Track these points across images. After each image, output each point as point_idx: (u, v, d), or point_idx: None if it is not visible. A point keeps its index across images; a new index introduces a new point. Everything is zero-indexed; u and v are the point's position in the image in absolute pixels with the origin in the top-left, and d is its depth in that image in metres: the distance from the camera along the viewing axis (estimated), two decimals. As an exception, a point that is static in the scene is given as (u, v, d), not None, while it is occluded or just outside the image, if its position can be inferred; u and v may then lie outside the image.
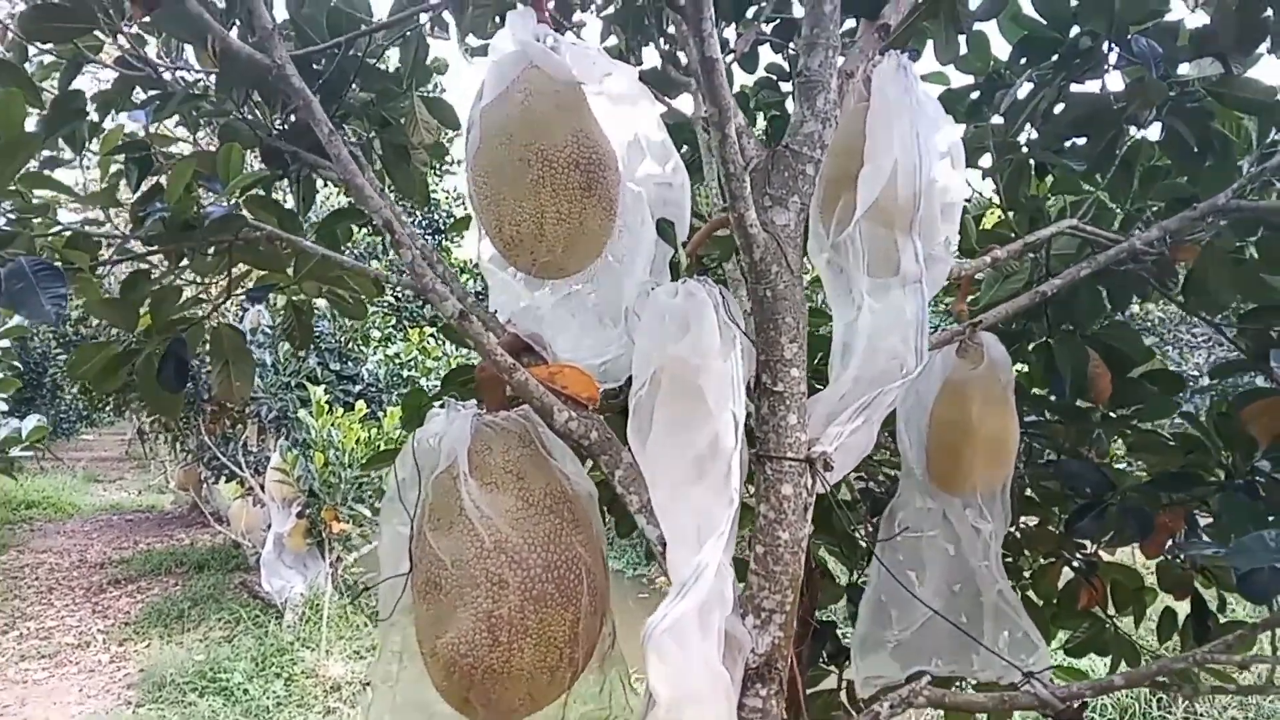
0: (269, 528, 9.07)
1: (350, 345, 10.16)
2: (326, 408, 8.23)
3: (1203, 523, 2.00)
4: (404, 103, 2.36)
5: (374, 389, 9.83)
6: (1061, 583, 2.18)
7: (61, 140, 2.07)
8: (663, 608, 1.16)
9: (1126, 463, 2.57)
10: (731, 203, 1.38)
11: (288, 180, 2.33)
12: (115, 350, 1.99)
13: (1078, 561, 2.15)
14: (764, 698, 1.33)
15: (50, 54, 2.12)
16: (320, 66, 2.15)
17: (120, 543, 12.67)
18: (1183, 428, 2.05)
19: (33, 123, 1.86)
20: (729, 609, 1.25)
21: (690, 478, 1.27)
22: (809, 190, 1.54)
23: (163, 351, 1.96)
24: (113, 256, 1.93)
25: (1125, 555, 2.32)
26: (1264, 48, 1.91)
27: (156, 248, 1.87)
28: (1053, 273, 2.03)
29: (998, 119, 2.23)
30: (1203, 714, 6.57)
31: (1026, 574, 2.20)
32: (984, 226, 2.49)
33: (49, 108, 1.95)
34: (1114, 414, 2.09)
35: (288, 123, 2.19)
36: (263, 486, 9.29)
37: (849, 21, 2.26)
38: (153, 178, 2.07)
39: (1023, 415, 1.89)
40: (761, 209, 1.51)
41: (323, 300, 2.27)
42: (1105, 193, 2.24)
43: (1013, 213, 2.23)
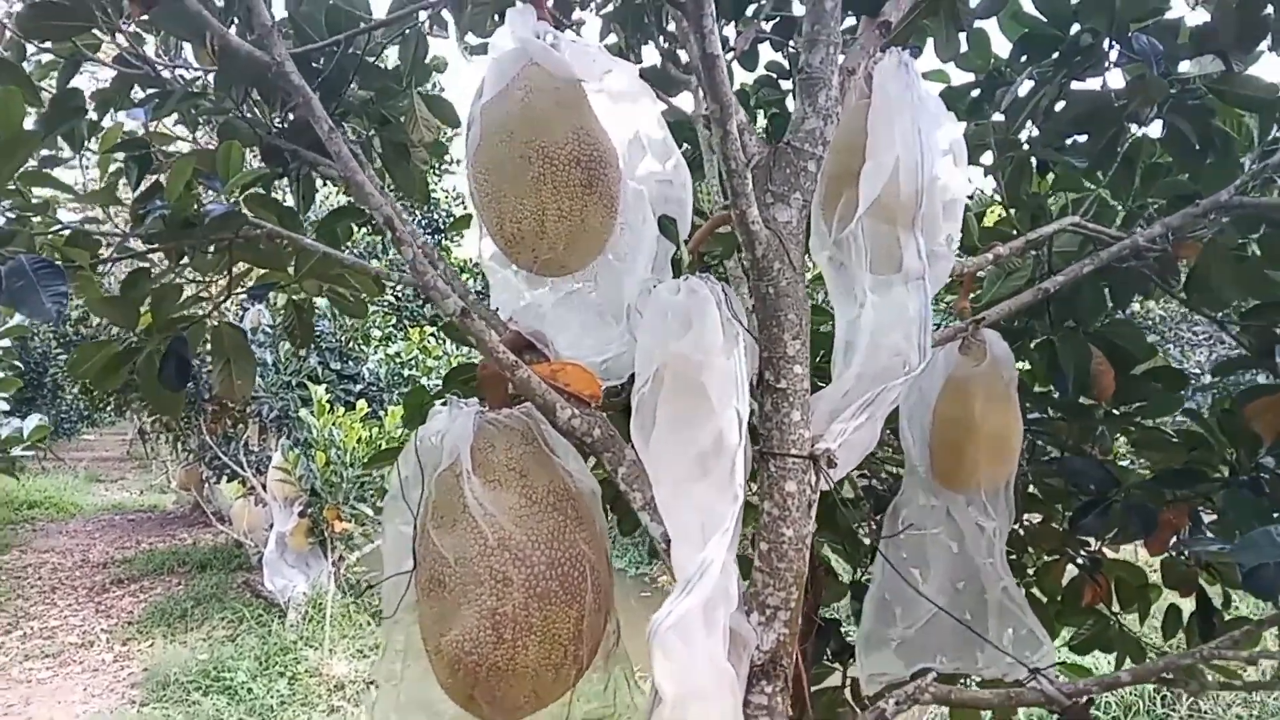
0: (271, 527, 9.09)
1: (351, 344, 10.16)
2: (328, 407, 8.24)
3: (1207, 520, 2.00)
4: (403, 101, 2.35)
5: (375, 388, 9.84)
6: (1065, 580, 2.17)
7: (61, 139, 2.07)
8: (668, 604, 1.16)
9: (1130, 460, 2.57)
10: (733, 199, 1.37)
11: (287, 178, 2.33)
12: (116, 349, 1.99)
13: (1082, 559, 2.15)
14: (769, 694, 1.33)
15: (49, 52, 2.12)
16: (319, 65, 2.15)
17: (123, 542, 12.68)
18: (1186, 425, 2.04)
19: (32, 122, 1.86)
20: (734, 606, 1.24)
21: (694, 475, 1.26)
22: (811, 187, 1.54)
23: (164, 350, 1.96)
24: (113, 255, 1.92)
25: (1128, 553, 2.31)
26: (1265, 45, 1.91)
27: (157, 246, 1.86)
28: (1055, 270, 2.02)
29: (998, 117, 2.22)
30: (1207, 711, 6.57)
31: (1030, 571, 2.20)
32: (985, 224, 2.49)
33: (48, 106, 1.95)
34: (1117, 411, 2.09)
35: (287, 121, 2.18)
36: (264, 486, 9.31)
37: (850, 19, 2.26)
38: (152, 176, 2.07)
39: (1025, 412, 1.89)
40: (763, 206, 1.51)
41: (323, 299, 2.27)
42: (1107, 190, 2.23)
43: (1014, 210, 2.23)
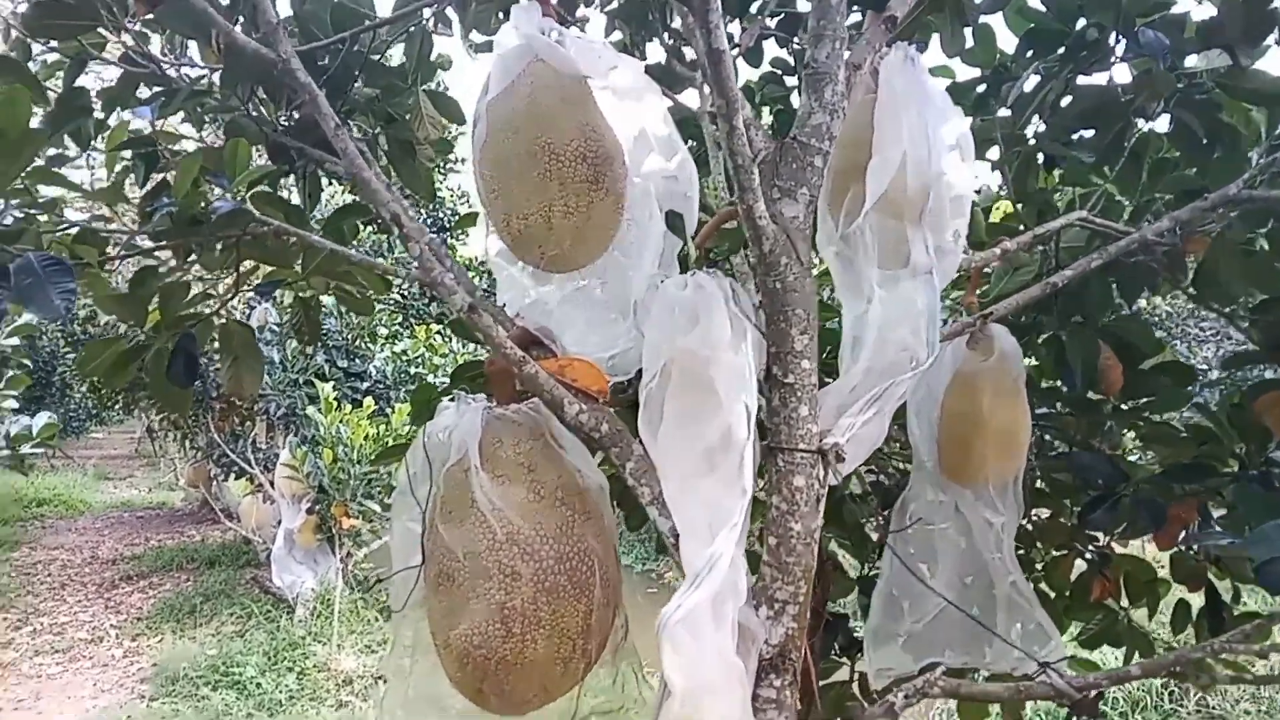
0: (279, 524, 9.11)
1: (358, 342, 10.18)
2: (335, 404, 8.26)
3: (1216, 515, 1.99)
4: (409, 98, 2.35)
5: (382, 386, 9.86)
6: (1074, 575, 2.16)
7: (67, 138, 2.08)
8: (676, 598, 1.16)
9: (1138, 455, 2.56)
10: (740, 195, 1.37)
11: (293, 176, 2.33)
12: (124, 346, 2.00)
13: (1090, 554, 2.14)
14: (778, 688, 1.33)
15: (55, 52, 2.12)
16: (325, 63, 2.15)
17: (131, 539, 12.73)
18: (1194, 420, 2.03)
19: (38, 121, 1.86)
20: (742, 600, 1.24)
21: (702, 470, 1.26)
22: (817, 182, 1.54)
23: (172, 347, 1.97)
24: (120, 252, 1.93)
25: (1135, 549, 2.31)
26: (1272, 39, 1.89)
27: (164, 243, 1.87)
28: (1062, 265, 2.02)
29: (1004, 112, 2.22)
30: (1215, 707, 6.55)
31: (1038, 566, 2.19)
32: (992, 220, 2.48)
33: (54, 105, 1.95)
34: (1125, 406, 2.08)
35: (293, 119, 2.19)
36: (272, 483, 9.34)
37: (855, 14, 2.26)
38: (159, 174, 2.08)
39: (1033, 408, 1.88)
40: (770, 201, 1.50)
41: (330, 297, 2.28)
42: (1114, 186, 2.23)
43: (1021, 205, 2.22)
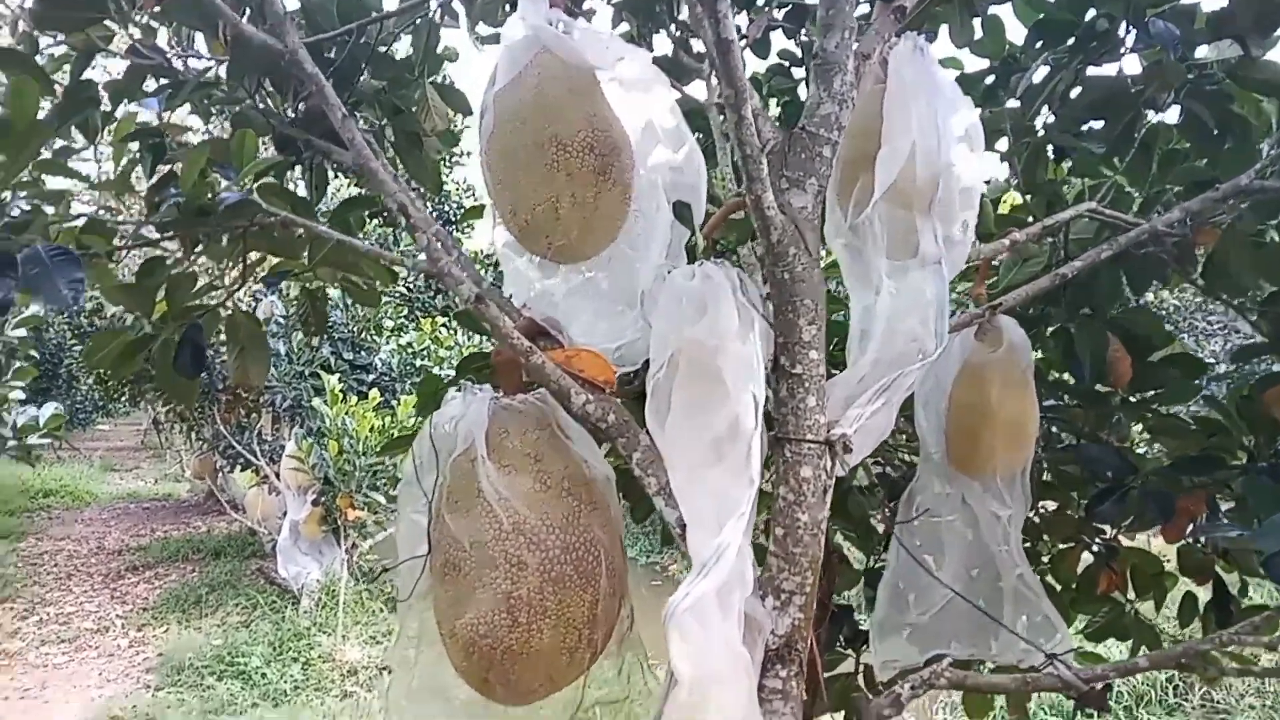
0: (284, 515, 9.15)
1: (363, 335, 10.20)
2: (340, 396, 8.28)
3: (1224, 507, 1.98)
4: (415, 90, 2.35)
5: (387, 378, 9.88)
6: (1080, 568, 2.16)
7: (75, 129, 2.08)
8: (684, 587, 1.15)
9: (1146, 448, 2.55)
10: (748, 185, 1.36)
11: (300, 168, 2.33)
12: (131, 337, 2.00)
13: (1097, 546, 2.13)
14: (784, 679, 1.33)
15: (62, 44, 2.12)
16: (331, 55, 2.15)
17: (137, 530, 12.78)
18: (1204, 412, 2.03)
19: (45, 113, 1.86)
20: (749, 590, 1.24)
21: (709, 459, 1.26)
22: (826, 172, 1.53)
23: (179, 338, 1.97)
24: (128, 243, 1.93)
25: (1141, 542, 2.30)
26: (1283, 29, 1.89)
27: (171, 234, 1.87)
28: (1071, 257, 2.01)
29: (1013, 103, 2.21)
30: (1219, 701, 6.54)
31: (1045, 559, 2.19)
32: (1000, 211, 2.47)
33: (61, 97, 1.95)
34: (1134, 398, 2.07)
35: (300, 111, 2.19)
36: (278, 475, 9.36)
37: (864, 4, 2.24)
38: (166, 166, 2.07)
39: (1041, 400, 1.87)
40: (778, 191, 1.50)
41: (335, 290, 2.28)
42: (1123, 177, 2.22)
43: (1030, 197, 2.21)
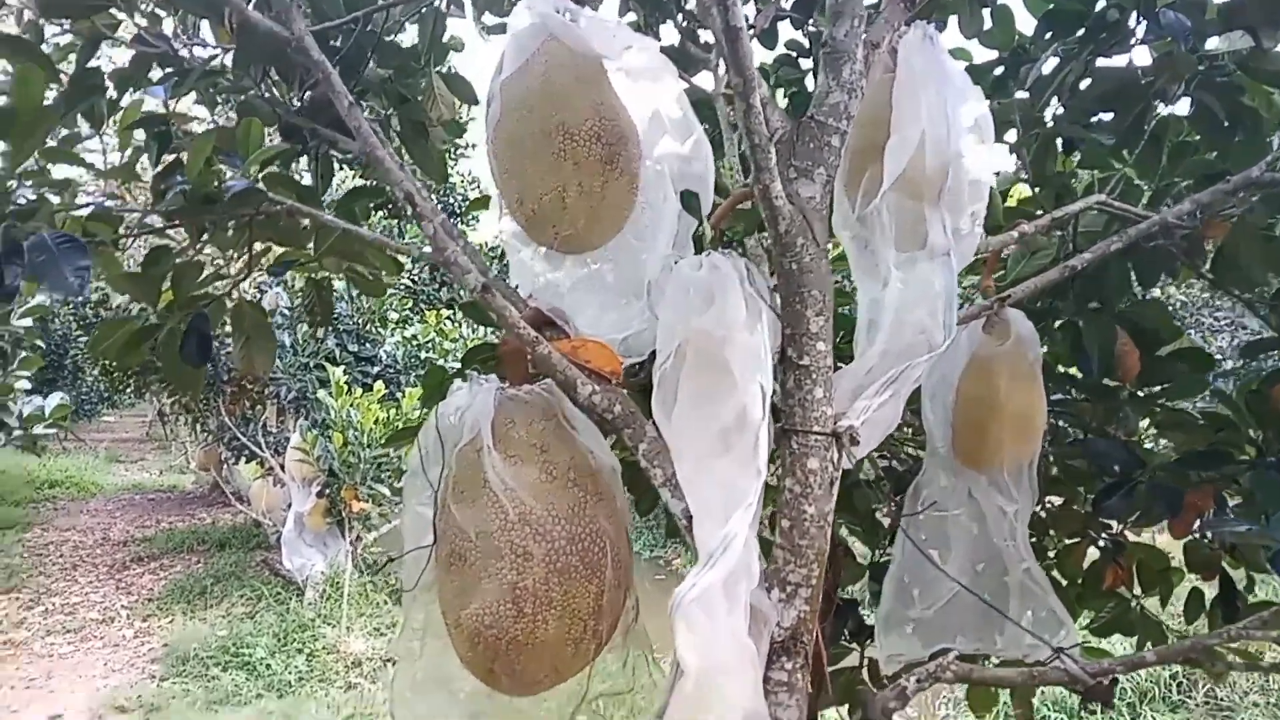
0: (289, 507, 9.17)
1: (368, 327, 10.20)
2: (345, 388, 8.29)
3: (1231, 503, 1.97)
4: (421, 80, 2.34)
5: (392, 370, 9.88)
6: (1086, 563, 2.15)
7: (80, 117, 2.07)
8: (690, 578, 1.15)
9: (1153, 443, 2.54)
10: (756, 174, 1.35)
11: (306, 158, 2.33)
12: (137, 326, 2.00)
13: (1103, 541, 2.13)
14: (789, 671, 1.32)
15: (68, 32, 2.12)
16: (337, 44, 2.14)
17: (143, 521, 12.82)
18: (1213, 406, 2.01)
19: (51, 100, 1.86)
20: (755, 582, 1.24)
21: (716, 450, 1.25)
22: (835, 162, 1.52)
23: (185, 327, 1.97)
24: (134, 230, 1.93)
25: (1146, 538, 2.29)
26: (1295, 20, 1.87)
27: (177, 222, 1.86)
28: (1080, 249, 2.00)
29: (1022, 94, 2.19)
30: (1223, 699, 6.53)
31: (1051, 554, 2.18)
32: (1008, 204, 2.45)
33: (67, 84, 1.95)
34: (1142, 393, 2.06)
35: (305, 99, 2.18)
36: (283, 466, 9.38)
37: (873, -5, 2.23)
38: (172, 154, 2.07)
39: (1048, 394, 1.86)
40: (787, 181, 1.49)
41: (340, 281, 2.27)
42: (1133, 169, 2.20)
43: (1039, 189, 2.20)
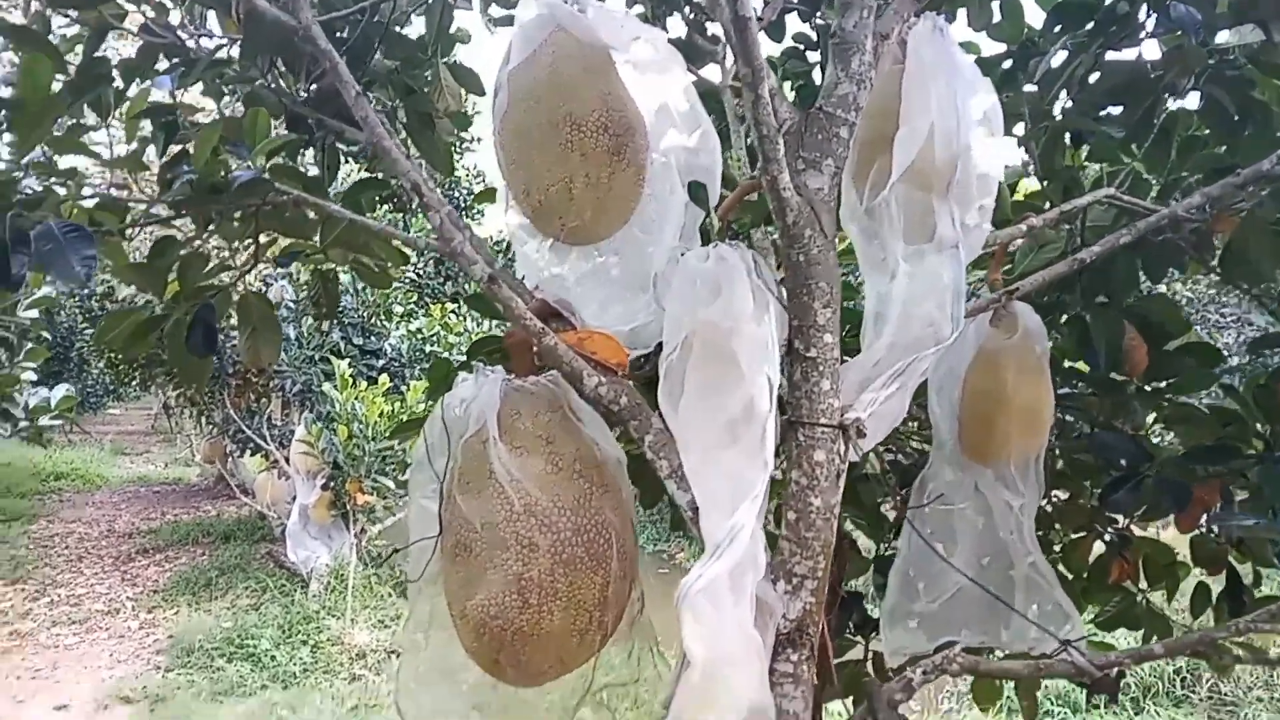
0: (294, 499, 9.18)
1: (373, 320, 10.21)
2: (350, 381, 8.29)
3: (1238, 498, 1.96)
4: (428, 70, 2.34)
5: (397, 363, 9.89)
6: (1092, 557, 2.15)
7: (87, 107, 2.07)
8: (697, 568, 1.15)
9: (1160, 438, 2.53)
10: (764, 166, 1.35)
11: (312, 149, 2.32)
12: (144, 316, 2.00)
13: (1109, 536, 2.12)
14: (795, 662, 1.32)
15: (75, 23, 2.11)
16: (344, 35, 2.14)
17: (148, 513, 12.85)
18: (1221, 401, 2.00)
19: (58, 90, 1.86)
20: (761, 574, 1.23)
21: (724, 442, 1.25)
22: (843, 153, 1.51)
23: (191, 317, 1.97)
24: (140, 219, 1.93)
25: (1150, 533, 2.28)
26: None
27: (183, 212, 1.86)
28: (1088, 244, 1.99)
29: (1031, 88, 2.18)
30: (1227, 693, 6.52)
31: (1057, 548, 2.17)
32: (1016, 198, 2.44)
33: (74, 74, 1.95)
34: (1149, 387, 2.05)
35: (312, 90, 2.18)
36: (287, 459, 9.40)
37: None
38: (178, 145, 2.07)
39: (1055, 388, 1.86)
40: (795, 172, 1.48)
41: (345, 275, 2.27)
42: (1142, 163, 2.19)
43: (1047, 182, 2.19)
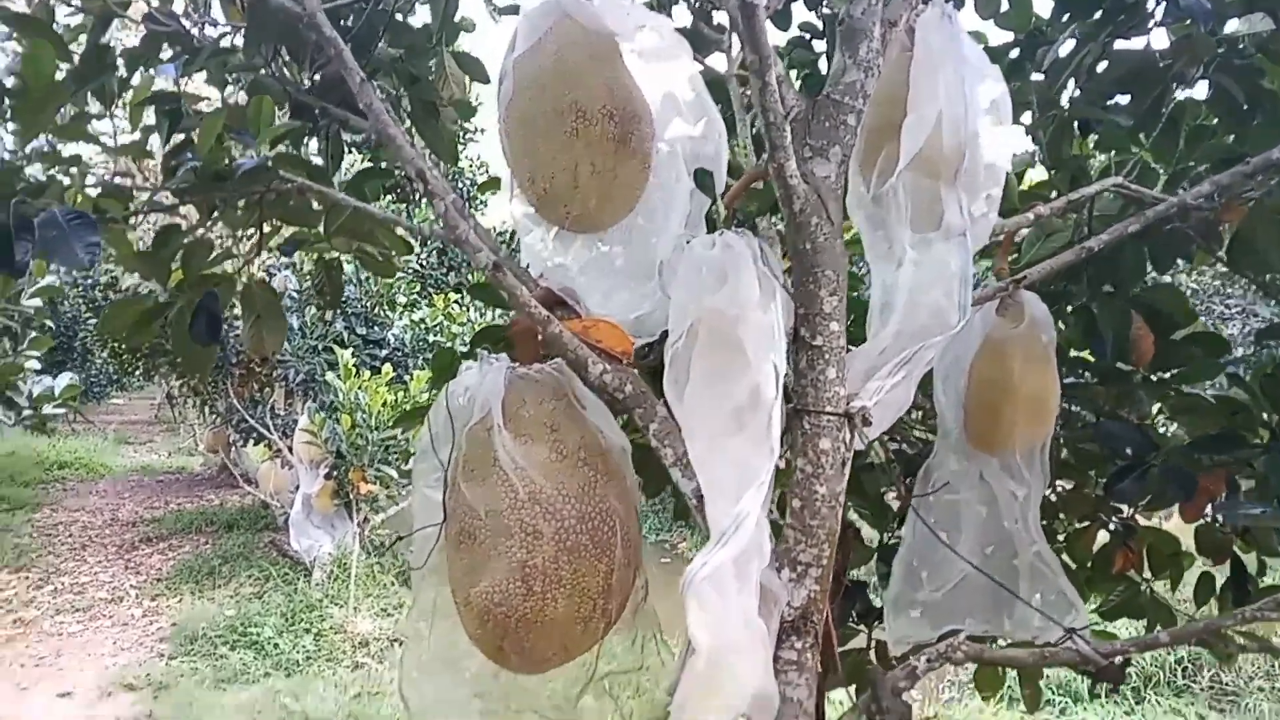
0: (297, 489, 9.20)
1: (376, 310, 10.21)
2: (353, 371, 8.29)
3: (1244, 487, 1.96)
4: (433, 59, 2.33)
5: (400, 353, 9.89)
6: (1096, 547, 2.14)
7: (91, 95, 2.06)
8: (702, 556, 1.15)
9: (1165, 428, 2.52)
10: (771, 153, 1.34)
11: (316, 139, 2.32)
12: (147, 304, 2.00)
13: (1114, 525, 2.12)
14: (799, 650, 1.32)
15: (79, 11, 2.11)
16: (348, 23, 2.13)
17: (151, 502, 12.88)
18: (1227, 390, 2.00)
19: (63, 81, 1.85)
20: (766, 561, 1.23)
21: (730, 429, 1.25)
22: (850, 141, 1.50)
23: (194, 305, 1.97)
24: (144, 207, 1.93)
25: (1154, 523, 2.28)
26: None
27: (188, 199, 1.86)
28: (1095, 233, 1.98)
29: (1038, 77, 2.17)
30: (1228, 683, 6.53)
31: (1061, 538, 2.17)
32: (1023, 187, 2.43)
33: (78, 61, 1.94)
34: (1155, 377, 2.04)
35: (316, 79, 2.17)
36: (290, 449, 9.41)
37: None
38: (182, 133, 2.07)
39: (1061, 378, 1.85)
40: (802, 160, 1.48)
41: (349, 265, 2.27)
42: (1149, 153, 2.18)
43: (1055, 171, 2.18)
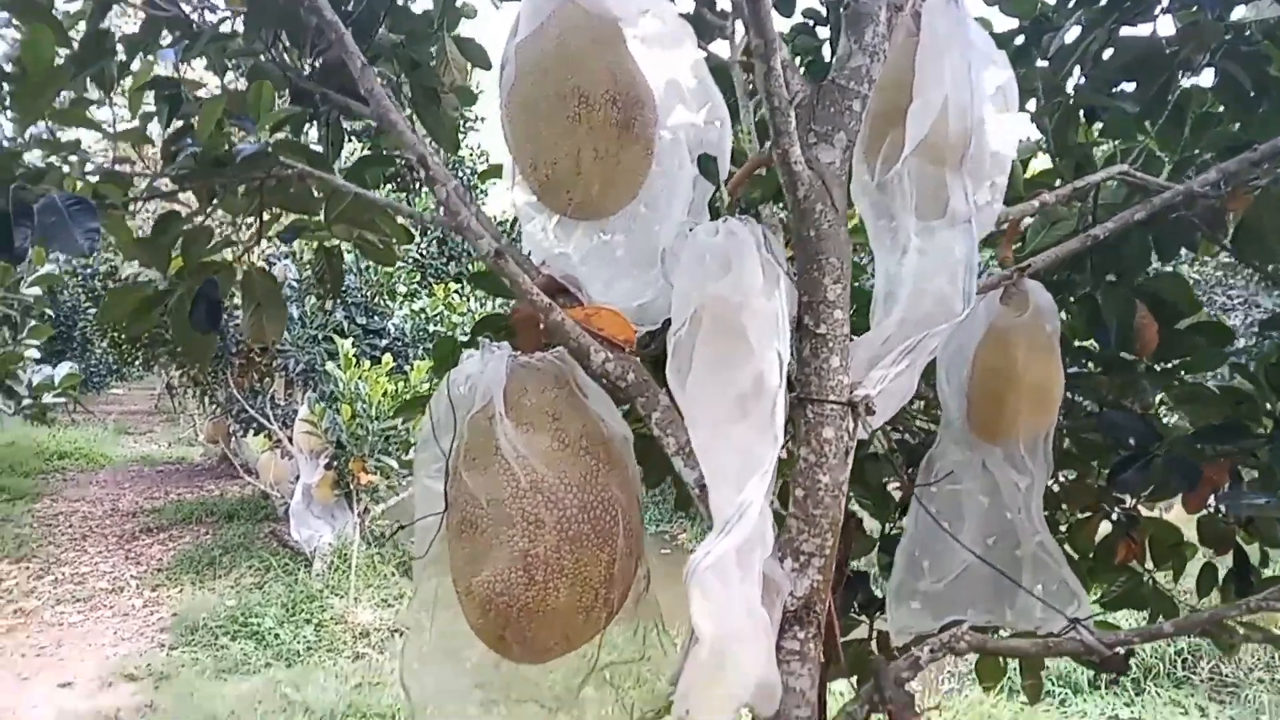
0: (297, 479, 9.20)
1: (376, 299, 10.20)
2: (354, 361, 8.29)
3: (1247, 478, 1.95)
4: (434, 45, 2.31)
5: (400, 343, 9.89)
6: (1099, 537, 2.14)
7: (90, 81, 2.05)
8: (705, 545, 1.14)
9: (1168, 416, 2.52)
10: (775, 139, 1.33)
11: (317, 126, 2.31)
12: (147, 292, 1.99)
13: (1117, 515, 2.11)
14: (801, 640, 1.32)
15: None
16: (349, 8, 2.11)
17: (151, 493, 12.90)
18: (1231, 380, 1.99)
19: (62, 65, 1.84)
20: (769, 551, 1.23)
21: (733, 417, 1.24)
22: (855, 127, 1.49)
23: (194, 293, 1.96)
24: (144, 193, 1.92)
25: (1155, 513, 2.28)
26: (1326, -11, 1.83)
27: (187, 185, 1.85)
28: (1100, 221, 1.97)
29: (1044, 63, 2.16)
30: (1228, 675, 6.55)
31: (1063, 528, 2.17)
32: (1028, 175, 2.42)
33: (78, 46, 1.93)
34: (1159, 366, 2.04)
35: (317, 65, 2.16)
36: (291, 439, 9.41)
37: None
38: (182, 119, 2.06)
39: (1065, 368, 1.85)
40: (806, 146, 1.46)
41: (349, 255, 2.26)
42: (1155, 141, 2.17)
43: (1060, 159, 2.17)
